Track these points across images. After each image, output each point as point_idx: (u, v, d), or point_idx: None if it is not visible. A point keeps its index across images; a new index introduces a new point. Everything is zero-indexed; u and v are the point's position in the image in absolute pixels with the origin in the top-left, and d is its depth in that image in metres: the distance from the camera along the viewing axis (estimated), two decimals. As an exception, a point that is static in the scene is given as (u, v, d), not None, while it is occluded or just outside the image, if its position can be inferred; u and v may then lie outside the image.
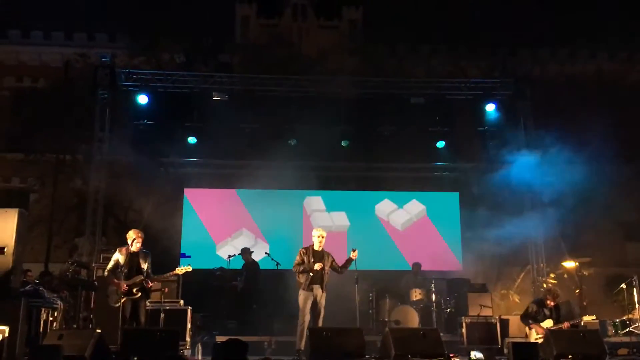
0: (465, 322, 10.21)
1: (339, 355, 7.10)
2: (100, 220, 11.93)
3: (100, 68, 12.17)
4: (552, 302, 9.02)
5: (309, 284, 8.42)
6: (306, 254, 8.53)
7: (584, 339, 7.78)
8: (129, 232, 8.34)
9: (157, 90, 12.26)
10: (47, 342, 7.21)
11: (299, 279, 8.54)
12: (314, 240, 8.61)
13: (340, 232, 13.24)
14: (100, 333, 7.35)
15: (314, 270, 8.38)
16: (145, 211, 13.57)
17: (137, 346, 7.21)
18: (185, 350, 8.73)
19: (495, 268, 11.79)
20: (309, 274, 8.41)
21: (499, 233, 11.81)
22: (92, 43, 18.43)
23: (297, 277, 8.57)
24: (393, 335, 7.61)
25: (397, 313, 10.74)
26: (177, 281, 10.16)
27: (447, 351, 7.78)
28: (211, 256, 12.61)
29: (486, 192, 12.89)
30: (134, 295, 8.05)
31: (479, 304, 10.82)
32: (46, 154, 17.00)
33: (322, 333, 7.73)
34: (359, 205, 13.56)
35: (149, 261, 8.23)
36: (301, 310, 8.44)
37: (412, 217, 13.61)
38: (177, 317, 9.27)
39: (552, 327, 8.78)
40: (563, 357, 7.50)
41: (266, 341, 9.80)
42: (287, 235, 12.90)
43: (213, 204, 13.39)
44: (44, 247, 15.80)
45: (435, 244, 13.29)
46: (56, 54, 18.74)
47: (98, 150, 12.03)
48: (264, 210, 13.22)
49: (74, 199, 16.44)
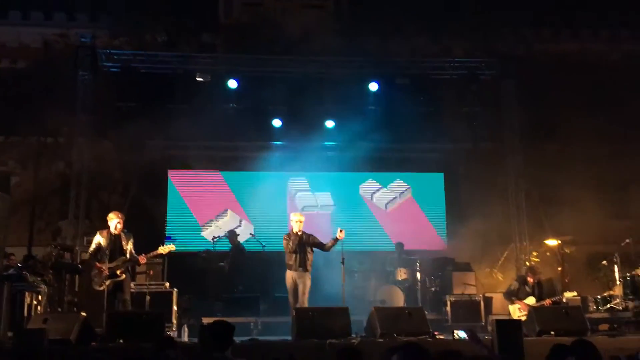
0: (449, 300, 10.33)
1: (324, 335, 7.15)
2: (83, 203, 11.83)
3: (80, 48, 12.00)
4: (532, 278, 9.16)
5: (293, 264, 8.72)
6: (289, 238, 8.80)
7: (567, 315, 7.93)
8: (110, 214, 8.29)
9: (140, 71, 12.10)
10: (31, 326, 7.19)
11: (287, 260, 8.79)
12: (292, 225, 8.89)
13: (325, 213, 13.26)
14: (85, 316, 7.34)
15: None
16: (129, 194, 13.47)
17: (123, 329, 7.21)
18: (172, 333, 8.73)
19: (479, 247, 11.89)
20: (292, 254, 8.70)
21: (482, 212, 11.92)
22: (72, 23, 18.06)
23: (286, 258, 8.83)
24: (379, 315, 7.68)
25: (382, 292, 10.82)
26: (163, 263, 10.18)
27: (432, 329, 7.88)
28: (196, 238, 12.61)
29: (471, 172, 12.96)
30: (118, 278, 8.02)
31: (463, 283, 10.97)
32: (27, 136, 16.73)
33: (307, 313, 7.79)
34: (343, 186, 13.56)
35: (132, 242, 8.19)
36: (289, 290, 8.72)
37: (396, 196, 13.64)
38: (162, 299, 9.28)
39: (534, 304, 8.91)
40: (546, 333, 7.63)
41: (252, 322, 9.84)
42: (272, 216, 12.89)
43: (197, 186, 13.33)
44: (27, 230, 15.65)
45: (420, 223, 13.36)
46: (36, 34, 18.32)
47: (80, 132, 11.88)
48: (249, 192, 13.17)
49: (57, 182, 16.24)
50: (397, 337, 7.34)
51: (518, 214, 12.46)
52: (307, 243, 8.81)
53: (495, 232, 11.83)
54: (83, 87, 11.88)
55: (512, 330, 6.87)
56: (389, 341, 7.12)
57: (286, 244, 8.81)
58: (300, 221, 8.85)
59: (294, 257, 8.72)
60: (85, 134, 11.94)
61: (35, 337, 6.47)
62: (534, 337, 7.54)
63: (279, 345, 7.51)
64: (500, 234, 12.17)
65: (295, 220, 8.87)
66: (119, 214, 8.24)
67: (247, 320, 9.84)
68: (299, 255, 8.71)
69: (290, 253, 8.76)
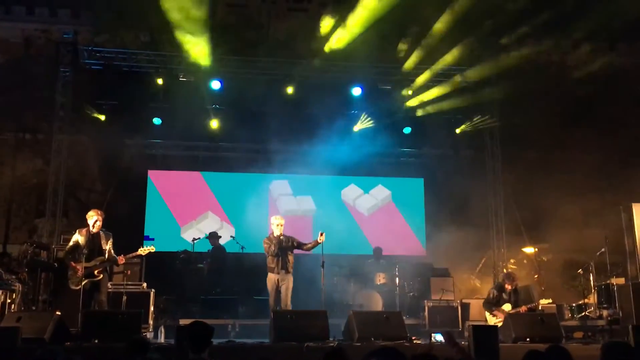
0: (427, 305, 10.40)
1: (302, 338, 7.15)
2: (61, 201, 11.69)
3: (62, 45, 11.87)
4: (510, 285, 9.23)
5: (275, 267, 8.76)
6: (270, 242, 8.86)
7: (542, 323, 8.01)
8: (89, 212, 8.20)
9: (122, 70, 12.01)
10: (4, 324, 7.08)
11: (268, 263, 8.84)
12: (272, 228, 8.97)
13: (306, 217, 13.27)
14: (60, 315, 7.25)
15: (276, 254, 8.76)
16: (108, 193, 13.33)
17: (98, 329, 7.14)
18: (148, 333, 8.66)
19: (458, 253, 11.97)
20: (274, 257, 8.75)
21: (461, 219, 12.01)
22: (54, 19, 17.84)
23: (267, 261, 8.89)
24: (357, 318, 7.70)
25: (361, 297, 10.85)
26: (140, 263, 10.08)
27: (410, 334, 7.91)
28: (176, 239, 12.50)
29: (450, 178, 13.06)
30: (95, 278, 7.93)
31: (441, 288, 11.02)
32: (5, 132, 16.50)
33: (286, 316, 7.78)
34: (325, 189, 13.57)
35: (111, 242, 8.12)
36: (270, 293, 8.77)
37: (377, 202, 13.70)
38: (139, 299, 9.20)
39: (510, 310, 8.99)
40: (521, 339, 7.70)
41: (230, 324, 9.80)
42: (253, 219, 12.84)
43: (178, 187, 13.24)
44: (2, 228, 15.41)
45: (400, 229, 13.42)
46: (16, 29, 18.10)
47: (59, 130, 11.74)
48: (230, 194, 13.14)
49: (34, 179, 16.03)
50: (374, 341, 7.36)
51: (496, 220, 12.61)
52: (287, 246, 8.88)
53: (473, 238, 11.92)
54: (63, 83, 11.74)
55: (489, 336, 6.92)
56: (367, 345, 7.13)
57: (267, 247, 8.86)
58: (280, 224, 8.91)
59: (275, 260, 8.76)
60: (65, 131, 11.79)
61: (9, 335, 6.38)
62: (510, 344, 7.60)
63: (256, 347, 7.47)
64: (478, 240, 12.28)
65: (276, 224, 8.93)
66: (99, 212, 8.17)
67: (225, 322, 9.80)
68: (280, 258, 8.76)
69: (272, 256, 8.79)
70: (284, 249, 8.81)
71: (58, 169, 11.70)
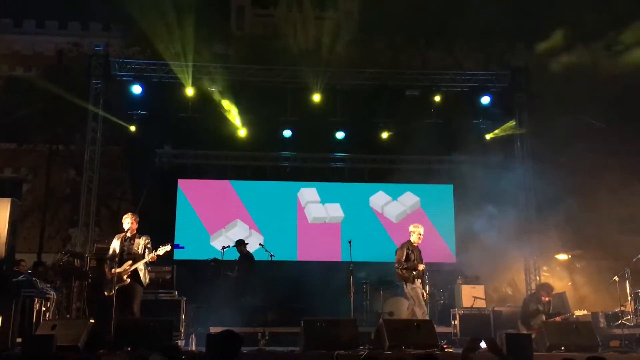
0: (458, 313, 10.25)
1: (333, 346, 7.11)
2: (93, 211, 11.87)
3: (94, 57, 12.07)
4: (546, 297, 9.08)
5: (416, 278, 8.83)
6: (412, 249, 8.92)
7: (577, 331, 7.84)
8: (125, 215, 8.28)
9: (152, 81, 12.18)
10: (40, 332, 7.20)
11: (404, 274, 8.83)
12: (413, 237, 9.04)
13: (334, 224, 13.25)
14: (93, 323, 7.34)
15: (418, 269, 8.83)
16: (139, 202, 13.52)
17: (131, 336, 7.20)
18: (179, 341, 8.72)
19: (489, 260, 11.79)
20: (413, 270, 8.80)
21: (492, 225, 11.84)
22: (86, 32, 18.30)
23: (401, 272, 8.86)
24: (387, 327, 7.63)
25: (390, 304, 10.76)
26: (171, 272, 10.15)
27: (441, 342, 7.82)
28: (205, 247, 12.59)
29: (480, 185, 12.90)
30: (123, 283, 7.98)
31: (472, 296, 10.86)
32: (39, 143, 16.90)
33: (316, 324, 7.75)
34: (353, 196, 13.55)
35: (143, 243, 8.14)
36: (417, 301, 8.78)
37: (406, 209, 13.61)
38: (171, 307, 9.26)
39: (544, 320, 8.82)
40: (556, 348, 7.55)
41: (260, 332, 9.80)
42: (282, 226, 12.89)
43: (207, 195, 13.35)
44: (37, 237, 15.76)
45: (429, 236, 13.22)
46: (50, 43, 18.61)
47: (91, 140, 11.96)
48: (258, 202, 13.20)
49: (67, 189, 16.37)
50: (405, 349, 7.28)
51: (528, 227, 12.37)
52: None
53: (505, 245, 11.73)
54: (95, 95, 11.95)
55: (523, 345, 6.81)
56: (397, 354, 7.07)
57: (410, 254, 8.86)
58: (420, 234, 9.03)
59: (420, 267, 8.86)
60: (96, 142, 12.00)
61: (44, 343, 6.49)
62: (544, 352, 7.46)
63: (286, 355, 7.46)
64: (510, 247, 12.07)
65: (418, 232, 9.03)
66: (133, 215, 8.25)
67: (255, 331, 9.80)
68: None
69: (418, 263, 8.85)
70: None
71: (90, 178, 11.90)
